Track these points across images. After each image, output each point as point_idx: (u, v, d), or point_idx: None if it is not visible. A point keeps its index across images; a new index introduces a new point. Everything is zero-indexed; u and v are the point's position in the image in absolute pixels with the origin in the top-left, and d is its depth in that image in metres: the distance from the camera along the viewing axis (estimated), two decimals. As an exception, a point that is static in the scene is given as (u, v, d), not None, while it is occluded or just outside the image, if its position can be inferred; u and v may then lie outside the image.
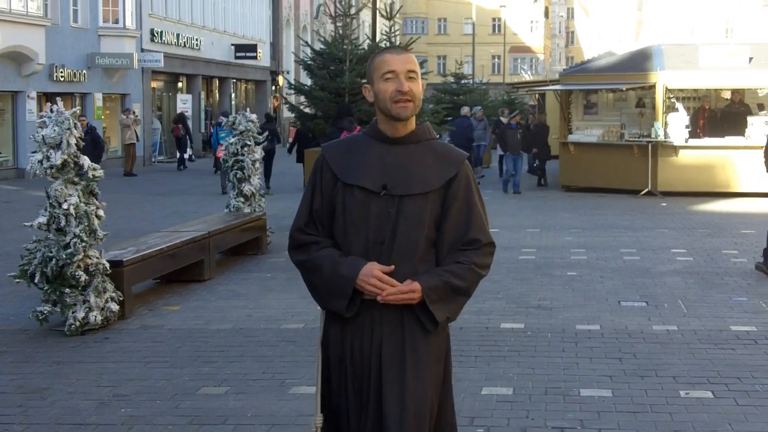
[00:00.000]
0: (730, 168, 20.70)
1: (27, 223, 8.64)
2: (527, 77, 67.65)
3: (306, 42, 26.22)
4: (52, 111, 8.47)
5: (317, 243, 3.57)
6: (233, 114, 16.89)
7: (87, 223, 8.39)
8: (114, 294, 8.66)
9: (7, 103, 27.62)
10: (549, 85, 28.01)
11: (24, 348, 7.99)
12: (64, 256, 8.28)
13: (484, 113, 29.41)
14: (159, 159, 35.45)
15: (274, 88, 48.12)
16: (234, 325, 8.73)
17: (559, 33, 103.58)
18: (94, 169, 8.56)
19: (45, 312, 8.37)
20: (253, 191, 13.52)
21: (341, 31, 20.39)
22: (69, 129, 8.34)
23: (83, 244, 8.32)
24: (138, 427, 5.96)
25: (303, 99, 23.25)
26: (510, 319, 8.83)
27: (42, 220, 8.40)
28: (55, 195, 8.34)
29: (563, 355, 7.56)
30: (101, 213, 8.68)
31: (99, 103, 31.70)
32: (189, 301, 9.86)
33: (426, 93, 26.45)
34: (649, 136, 21.10)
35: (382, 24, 24.21)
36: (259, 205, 13.59)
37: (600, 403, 6.33)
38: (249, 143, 13.50)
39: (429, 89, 36.13)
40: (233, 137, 13.61)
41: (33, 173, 8.53)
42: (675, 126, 21.14)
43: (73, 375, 7.13)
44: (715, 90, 23.40)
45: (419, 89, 3.52)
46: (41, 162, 8.33)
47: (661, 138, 20.89)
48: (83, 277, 8.34)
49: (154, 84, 36.46)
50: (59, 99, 9.20)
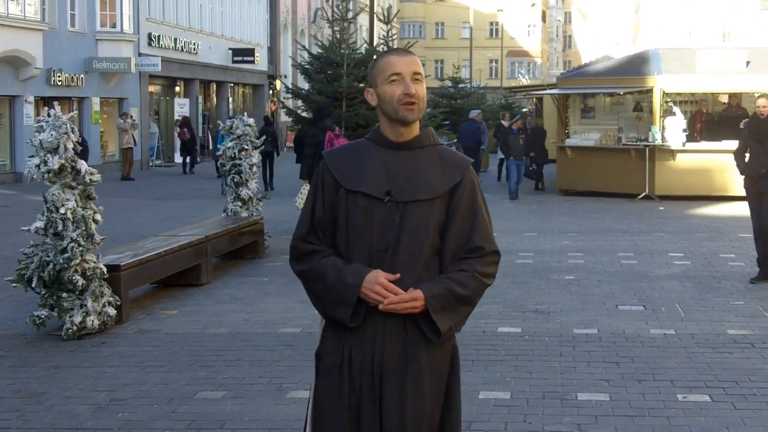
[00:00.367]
0: (727, 172, 20.59)
1: (24, 228, 8.63)
2: (525, 81, 67.70)
3: (303, 46, 26.21)
4: (49, 115, 8.47)
5: (319, 252, 3.46)
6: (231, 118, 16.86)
7: (84, 228, 8.39)
8: (111, 298, 8.66)
9: (5, 108, 27.60)
10: (546, 89, 28.02)
11: (21, 352, 7.98)
12: (61, 260, 8.27)
13: (483, 117, 29.42)
14: (156, 163, 35.43)
15: (271, 92, 48.13)
16: (231, 330, 8.73)
17: (557, 37, 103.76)
18: (91, 174, 8.56)
19: (42, 316, 8.36)
20: (251, 195, 13.51)
21: (338, 36, 20.36)
22: (66, 133, 8.34)
23: (80, 248, 8.32)
24: (135, 432, 5.96)
25: (300, 103, 23.22)
26: (507, 323, 8.83)
27: (39, 224, 8.40)
28: (53, 199, 8.34)
29: (561, 359, 7.56)
30: (98, 217, 8.68)
31: (96, 108, 31.69)
32: (186, 306, 9.86)
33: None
34: (647, 140, 21.12)
35: (379, 28, 24.22)
36: (257, 209, 13.59)
37: (597, 407, 6.33)
38: (247, 147, 13.50)
39: (427, 93, 36.11)
40: (231, 141, 13.61)
41: (30, 177, 8.53)
42: (672, 130, 21.16)
43: (70, 379, 7.12)
44: (713, 94, 23.43)
45: (424, 92, 3.45)
46: (38, 166, 8.33)
47: (659, 142, 20.91)
48: (80, 282, 8.34)
49: (151, 88, 36.46)
50: (56, 103, 9.20)
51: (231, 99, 44.42)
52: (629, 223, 16.75)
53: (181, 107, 37.56)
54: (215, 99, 43.30)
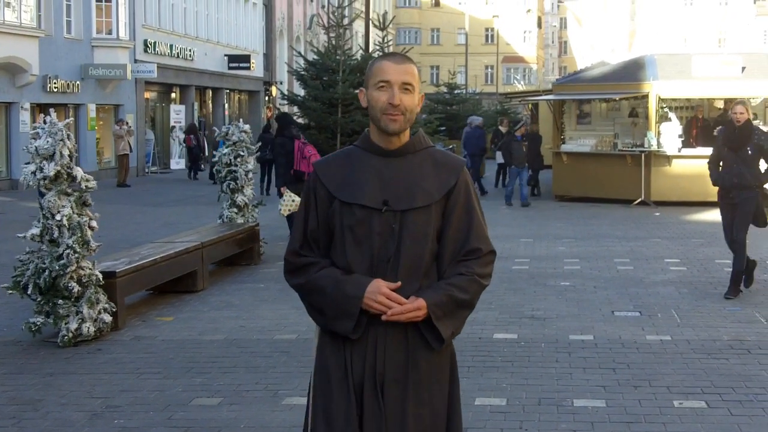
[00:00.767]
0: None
1: (20, 235, 8.63)
2: (520, 87, 67.82)
3: (299, 52, 26.20)
4: (45, 122, 8.47)
5: (315, 264, 3.41)
6: (226, 125, 16.88)
7: (80, 234, 8.39)
8: (107, 305, 8.65)
9: (1, 114, 27.58)
10: (542, 95, 28.08)
11: (17, 359, 7.97)
12: (57, 267, 8.26)
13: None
14: (152, 170, 35.41)
15: (267, 98, 48.13)
16: (227, 336, 8.72)
17: (552, 43, 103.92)
18: (87, 180, 8.55)
19: (38, 323, 8.35)
20: (246, 202, 13.51)
21: (334, 42, 20.37)
22: (62, 140, 8.34)
23: (76, 255, 8.31)
24: (131, 439, 5.95)
25: (296, 109, 23.23)
26: (503, 330, 8.83)
27: (35, 231, 8.40)
28: (48, 206, 8.33)
29: (557, 366, 7.56)
30: (94, 224, 8.67)
31: (92, 114, 31.68)
32: (182, 312, 9.85)
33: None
34: (643, 145, 21.16)
35: (375, 34, 24.22)
36: (252, 216, 13.58)
37: (594, 414, 6.32)
38: (242, 154, 13.49)
39: (423, 100, 36.09)
40: (226, 148, 13.60)
41: (26, 184, 8.52)
42: (668, 135, 21.19)
43: (66, 386, 7.11)
44: (708, 99, 23.47)
45: (413, 102, 3.37)
46: (34, 173, 8.33)
47: (654, 147, 20.94)
48: (76, 288, 8.33)
49: (147, 95, 36.44)
50: (53, 110, 9.19)
51: (227, 105, 44.40)
52: (625, 229, 16.77)
53: (177, 114, 37.56)
54: (211, 105, 43.29)
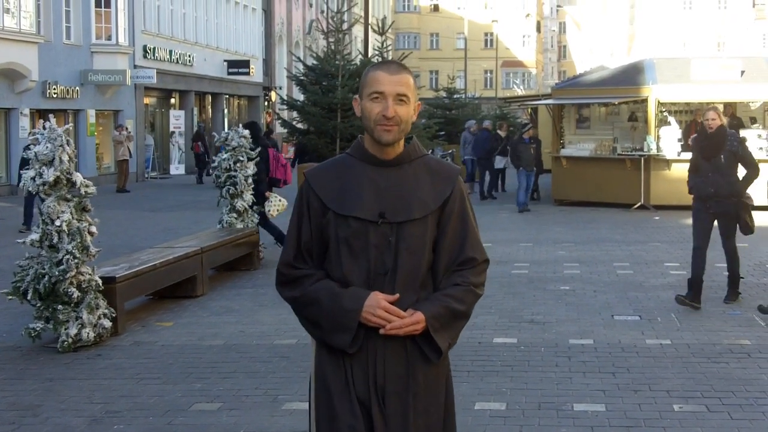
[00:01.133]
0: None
1: (19, 240, 8.63)
2: (519, 91, 67.85)
3: (298, 57, 26.30)
4: (44, 128, 8.47)
5: (310, 276, 3.36)
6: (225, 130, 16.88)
7: (79, 240, 8.39)
8: (107, 310, 8.65)
9: (0, 120, 27.60)
10: (541, 100, 28.08)
11: (16, 365, 7.97)
12: (56, 272, 8.26)
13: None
14: (152, 175, 35.42)
15: (266, 103, 48.18)
16: (227, 341, 8.72)
17: (552, 47, 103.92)
18: (86, 186, 8.56)
19: (38, 329, 8.35)
20: (246, 207, 13.50)
21: (333, 47, 20.43)
22: (62, 146, 8.34)
23: (76, 260, 8.31)
24: (130, 445, 5.95)
25: (295, 114, 23.27)
26: (503, 334, 8.82)
27: (35, 236, 8.40)
28: (48, 212, 8.34)
29: (556, 370, 7.56)
30: (94, 229, 8.68)
31: (92, 120, 31.69)
32: (182, 317, 9.84)
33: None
34: (642, 149, 21.15)
35: (374, 39, 24.27)
36: (252, 221, 13.58)
37: (593, 418, 6.32)
38: (242, 159, 13.49)
39: (421, 106, 36.12)
40: (225, 153, 13.60)
41: (26, 190, 8.53)
42: (667, 139, 21.19)
43: (66, 392, 7.11)
44: (708, 103, 23.41)
45: (408, 113, 3.31)
46: (34, 179, 8.33)
47: (654, 151, 20.94)
48: (76, 294, 8.33)
49: (146, 100, 36.48)
50: (52, 116, 9.21)
51: (226, 111, 44.44)
52: (625, 233, 16.76)
53: (177, 119, 37.59)
54: (210, 111, 43.32)
